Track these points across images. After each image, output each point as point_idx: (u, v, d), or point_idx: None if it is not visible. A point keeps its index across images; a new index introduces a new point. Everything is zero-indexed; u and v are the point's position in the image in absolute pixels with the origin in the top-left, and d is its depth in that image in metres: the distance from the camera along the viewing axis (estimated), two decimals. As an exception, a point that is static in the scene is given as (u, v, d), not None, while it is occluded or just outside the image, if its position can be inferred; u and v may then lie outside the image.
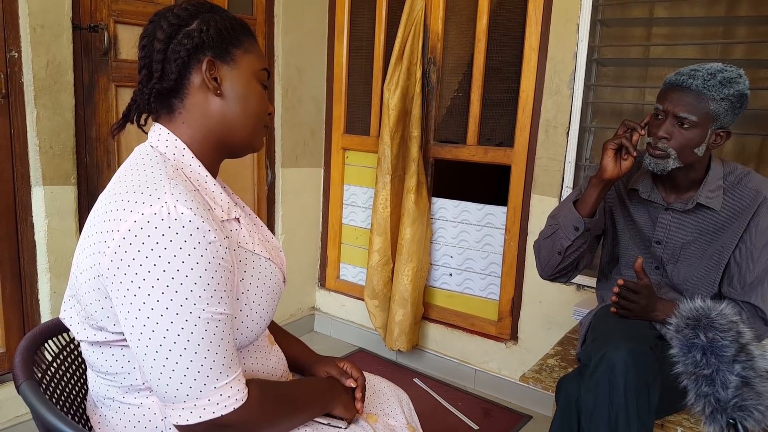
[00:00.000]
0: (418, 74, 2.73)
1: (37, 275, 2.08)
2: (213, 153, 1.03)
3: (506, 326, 2.73)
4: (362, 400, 1.18)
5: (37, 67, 1.96)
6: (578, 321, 2.09)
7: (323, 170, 3.29)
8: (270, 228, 3.08)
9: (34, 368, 1.02)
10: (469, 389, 2.81)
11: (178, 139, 0.99)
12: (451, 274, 2.92)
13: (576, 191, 1.77)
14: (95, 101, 2.20)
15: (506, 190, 2.65)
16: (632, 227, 1.71)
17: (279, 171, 3.03)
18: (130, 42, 2.27)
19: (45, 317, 2.11)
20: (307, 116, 3.13)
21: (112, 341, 0.93)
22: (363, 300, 3.04)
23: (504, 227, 2.69)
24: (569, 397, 1.46)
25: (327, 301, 3.37)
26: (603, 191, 1.57)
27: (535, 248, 1.76)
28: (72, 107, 2.08)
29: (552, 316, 2.55)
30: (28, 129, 1.98)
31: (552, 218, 1.74)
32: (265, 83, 1.07)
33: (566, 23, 2.37)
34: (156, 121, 1.02)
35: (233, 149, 1.05)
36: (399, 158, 2.82)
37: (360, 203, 3.20)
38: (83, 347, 0.99)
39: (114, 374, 0.95)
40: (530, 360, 2.54)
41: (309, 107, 3.12)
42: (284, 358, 1.17)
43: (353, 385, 1.18)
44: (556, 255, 1.66)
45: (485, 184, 3.23)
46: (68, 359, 1.17)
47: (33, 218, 2.04)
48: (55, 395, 1.07)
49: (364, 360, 3.06)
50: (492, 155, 2.68)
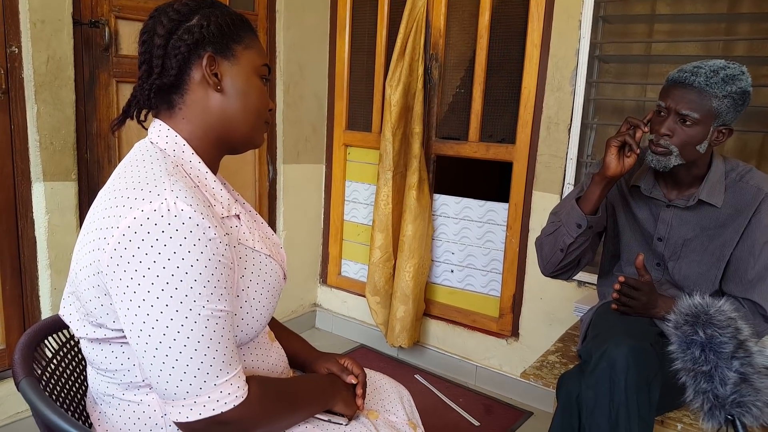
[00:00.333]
0: (420, 70, 2.73)
1: (38, 271, 2.08)
2: (213, 149, 1.02)
3: (507, 323, 2.72)
4: (363, 397, 1.18)
5: (38, 63, 1.95)
6: (579, 317, 2.09)
7: (325, 166, 3.29)
8: (271, 224, 3.08)
9: (34, 365, 1.02)
10: (470, 385, 2.81)
11: (178, 135, 0.98)
12: (453, 271, 2.91)
13: (578, 188, 1.77)
14: (96, 97, 2.19)
15: (508, 187, 2.65)
16: (634, 224, 1.71)
17: (280, 167, 3.03)
18: (131, 37, 2.26)
19: (45, 314, 2.11)
20: (309, 112, 3.12)
21: (112, 338, 0.92)
22: (364, 296, 3.04)
23: (505, 224, 2.68)
24: (570, 394, 1.46)
25: (328, 298, 3.37)
26: (606, 188, 1.57)
27: (537, 245, 1.76)
28: (72, 103, 2.07)
29: (553, 313, 2.55)
30: (29, 125, 1.98)
31: (554, 215, 1.74)
32: (266, 78, 1.06)
33: (568, 19, 2.36)
34: (156, 117, 1.01)
35: (233, 145, 1.05)
36: (401, 155, 2.81)
37: (362, 200, 3.20)
38: (83, 344, 0.99)
39: (114, 371, 0.95)
40: (531, 356, 2.54)
41: (311, 103, 3.12)
42: (284, 355, 1.16)
43: (354, 382, 1.18)
44: (558, 252, 1.66)
45: (487, 181, 3.23)
46: (68, 356, 1.17)
47: (33, 214, 2.04)
48: (55, 392, 1.07)
49: (366, 356, 3.06)
50: (494, 152, 2.68)
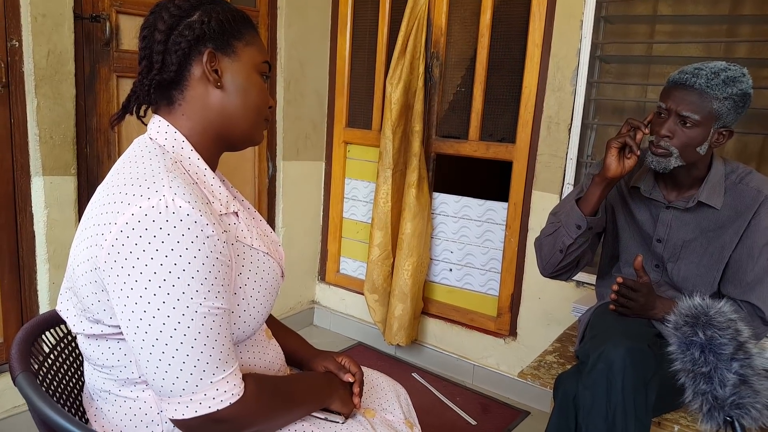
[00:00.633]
0: (421, 69, 2.72)
1: (36, 266, 2.08)
2: (212, 146, 1.02)
3: (505, 322, 2.73)
4: (360, 395, 1.18)
5: (38, 57, 1.95)
6: (577, 318, 2.09)
7: (325, 164, 3.28)
8: (270, 221, 3.08)
9: (31, 360, 1.02)
10: (468, 384, 2.81)
11: (178, 132, 0.98)
12: (451, 270, 2.91)
13: (578, 188, 1.76)
14: (96, 91, 2.19)
15: (507, 186, 2.65)
16: (633, 225, 1.71)
17: (280, 164, 3.02)
18: (132, 32, 2.26)
19: (43, 308, 2.11)
20: (309, 109, 3.12)
21: (109, 334, 0.92)
22: (363, 294, 3.04)
23: (505, 223, 2.68)
24: (567, 394, 1.46)
25: (327, 295, 3.37)
26: (606, 190, 1.57)
27: (537, 245, 1.76)
28: (73, 97, 2.07)
29: (551, 313, 2.55)
30: (29, 119, 1.98)
31: (553, 215, 1.74)
32: (267, 76, 1.06)
33: (570, 19, 2.36)
34: (155, 113, 1.01)
35: (233, 142, 1.05)
36: (400, 153, 2.81)
37: (361, 197, 3.20)
38: (80, 340, 0.98)
39: (110, 367, 0.95)
40: (529, 356, 2.54)
41: (311, 100, 3.12)
42: (281, 353, 1.16)
43: (351, 380, 1.18)
44: (558, 253, 1.66)
45: (486, 180, 3.22)
46: (65, 351, 1.17)
47: (32, 209, 2.04)
48: (52, 387, 1.07)
49: (363, 354, 3.06)
50: (494, 151, 2.67)
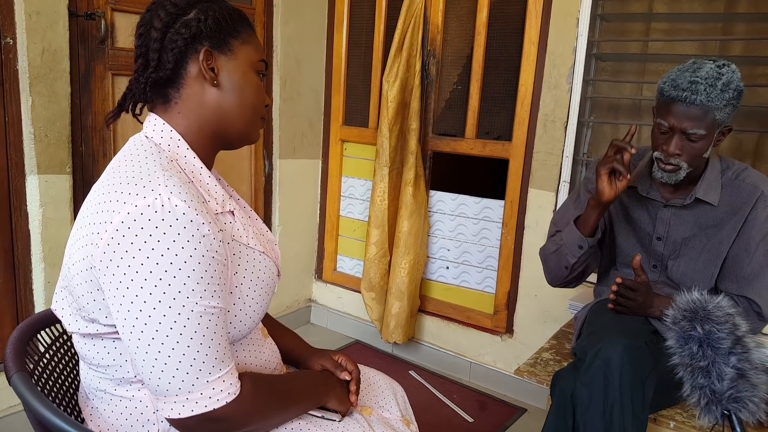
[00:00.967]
0: (418, 66, 2.72)
1: (31, 265, 2.07)
2: (208, 144, 1.02)
3: (502, 319, 2.73)
4: (357, 393, 1.18)
5: (33, 55, 1.94)
6: (573, 315, 2.09)
7: (321, 162, 3.28)
8: (267, 219, 3.07)
9: (27, 359, 1.02)
10: (464, 382, 2.82)
11: (173, 130, 0.98)
12: (448, 267, 2.91)
13: (574, 194, 1.78)
14: (91, 90, 2.18)
15: (504, 184, 2.65)
16: (630, 225, 1.72)
17: (277, 162, 3.02)
18: (127, 30, 2.24)
19: (39, 307, 2.10)
20: (306, 107, 3.11)
21: (104, 333, 0.92)
22: (360, 292, 3.04)
23: (501, 221, 2.68)
24: (564, 391, 1.46)
25: (324, 293, 3.37)
26: (601, 212, 1.59)
27: (542, 258, 1.78)
28: (68, 95, 2.06)
29: (547, 310, 2.55)
30: (23, 117, 1.97)
31: (554, 226, 1.77)
32: (263, 74, 1.06)
33: (566, 17, 2.36)
34: (151, 111, 1.01)
35: (229, 141, 1.04)
36: (397, 151, 2.81)
37: (358, 195, 3.19)
38: (75, 339, 0.98)
39: (106, 366, 0.95)
40: (525, 353, 2.54)
41: (307, 98, 3.11)
42: (277, 351, 1.16)
43: (347, 378, 1.18)
44: (563, 269, 1.69)
45: (483, 178, 3.22)
46: (61, 350, 1.16)
47: (27, 207, 2.03)
48: (47, 387, 1.07)
49: (360, 352, 3.06)
50: (490, 149, 2.67)
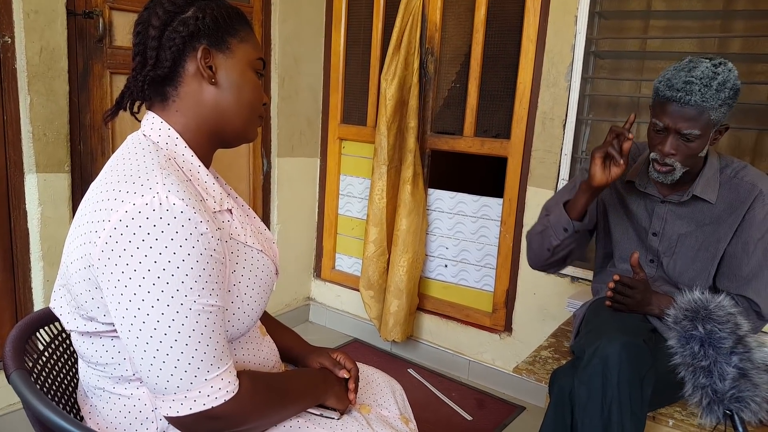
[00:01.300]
0: (416, 64, 2.72)
1: (30, 263, 2.07)
2: (206, 142, 1.02)
3: (500, 318, 2.73)
4: (355, 391, 1.18)
5: (31, 53, 1.93)
6: (572, 313, 2.10)
7: (319, 160, 3.28)
8: (265, 218, 3.07)
9: (26, 357, 1.02)
10: (463, 380, 2.82)
11: (171, 128, 0.98)
12: (447, 266, 2.92)
13: (571, 183, 1.77)
14: (89, 88, 2.18)
15: (502, 182, 2.65)
16: (627, 219, 1.71)
17: (275, 160, 3.02)
18: (126, 28, 2.24)
19: (38, 306, 2.10)
20: (304, 106, 3.11)
21: (103, 332, 0.92)
22: (358, 290, 3.04)
23: (500, 219, 2.69)
24: (563, 389, 1.47)
25: (322, 292, 3.37)
26: (592, 197, 1.58)
27: (527, 239, 1.79)
28: (66, 94, 2.06)
29: (546, 308, 2.55)
30: (22, 116, 1.97)
31: (545, 210, 1.75)
32: (261, 73, 1.06)
33: (564, 15, 2.36)
34: (149, 109, 1.01)
35: (227, 139, 1.04)
36: (395, 149, 2.81)
37: (356, 194, 3.19)
38: (73, 337, 0.98)
39: (104, 365, 0.95)
40: (524, 351, 2.54)
41: (305, 96, 3.11)
42: (276, 349, 1.16)
43: (346, 376, 1.19)
44: (546, 251, 1.69)
45: (481, 176, 3.22)
46: (60, 348, 1.17)
47: (26, 206, 2.03)
48: (46, 385, 1.07)
49: (359, 350, 3.06)
50: (488, 147, 2.68)
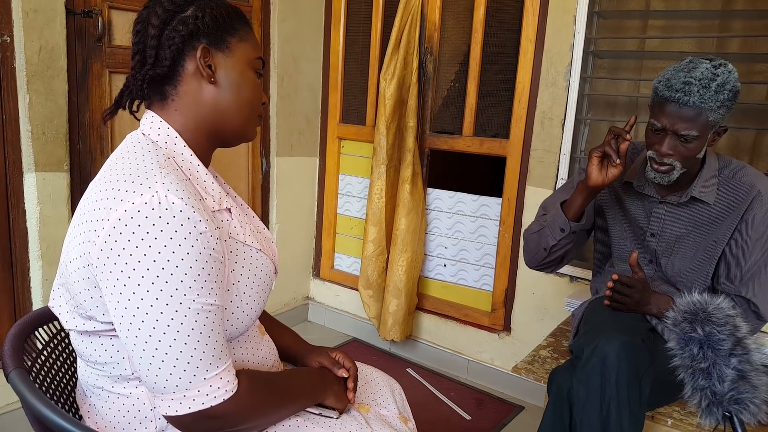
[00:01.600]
0: (415, 64, 2.72)
1: (29, 262, 2.07)
2: (205, 141, 1.02)
3: (499, 317, 2.73)
4: (354, 391, 1.18)
5: (30, 52, 1.93)
6: (570, 312, 2.10)
7: (318, 159, 3.28)
8: (264, 217, 3.07)
9: (24, 357, 1.02)
10: (462, 379, 2.82)
11: (171, 127, 0.98)
12: (446, 265, 2.92)
13: (569, 183, 1.77)
14: (89, 87, 2.18)
15: (501, 182, 2.65)
16: (626, 220, 1.72)
17: (274, 160, 3.02)
18: (125, 28, 2.24)
19: (36, 305, 2.10)
20: (303, 105, 3.11)
21: (102, 331, 0.92)
22: (357, 290, 3.04)
23: (498, 218, 2.69)
24: (561, 389, 1.47)
25: (321, 291, 3.37)
26: (589, 197, 1.58)
27: (524, 238, 1.79)
28: (65, 93, 2.06)
29: (545, 308, 2.55)
30: (21, 115, 1.96)
31: (542, 208, 1.76)
32: (260, 72, 1.06)
33: (563, 14, 2.36)
34: (148, 108, 1.01)
35: (226, 138, 1.04)
36: (395, 148, 2.81)
37: (355, 193, 3.19)
38: (72, 336, 0.98)
39: (103, 364, 0.95)
40: (523, 351, 2.55)
41: (305, 96, 3.11)
42: (275, 348, 1.16)
43: (345, 375, 1.19)
44: (542, 251, 1.69)
45: (480, 175, 3.22)
46: (58, 348, 1.17)
47: (25, 205, 2.03)
48: (45, 384, 1.07)
49: (358, 350, 3.07)
50: (487, 146, 2.68)
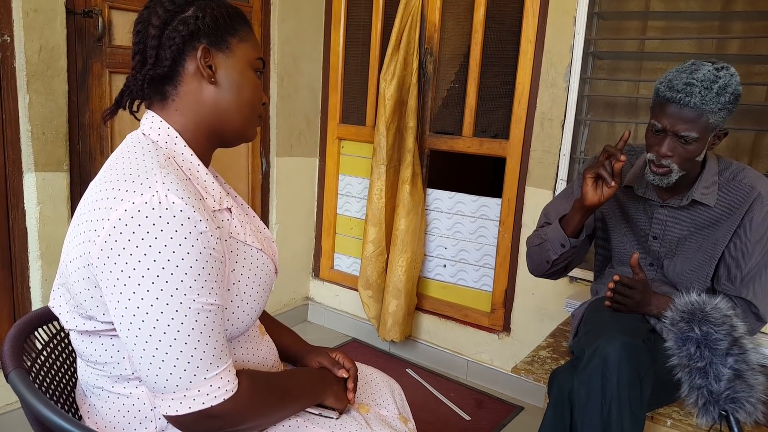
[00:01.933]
0: (415, 64, 2.72)
1: (29, 262, 2.07)
2: (205, 142, 1.02)
3: (499, 317, 2.73)
4: (354, 391, 1.18)
5: (30, 52, 1.93)
6: (570, 313, 2.10)
7: (318, 160, 3.28)
8: (264, 217, 3.07)
9: (24, 357, 1.02)
10: (462, 380, 2.82)
11: (171, 127, 0.98)
12: (445, 266, 2.92)
13: (569, 189, 1.78)
14: (89, 87, 2.18)
15: (501, 182, 2.65)
16: (626, 224, 1.72)
17: (274, 160, 3.02)
18: (125, 28, 2.24)
19: (36, 305, 2.10)
20: (303, 105, 3.11)
21: (102, 331, 0.92)
22: (357, 290, 3.04)
23: (498, 219, 2.69)
24: (562, 389, 1.47)
25: (321, 291, 3.37)
26: (585, 215, 1.58)
27: (527, 249, 1.79)
28: (65, 93, 2.06)
29: (544, 308, 2.55)
30: (21, 115, 1.96)
31: (544, 215, 1.77)
32: (260, 72, 1.06)
33: (563, 15, 2.36)
34: (149, 108, 1.01)
35: (226, 138, 1.05)
36: (394, 149, 2.81)
37: (355, 193, 3.20)
38: (72, 336, 0.98)
39: (103, 364, 0.95)
40: (522, 351, 2.55)
41: (305, 96, 3.11)
42: (275, 349, 1.16)
43: (345, 376, 1.19)
44: (545, 263, 1.71)
45: (480, 176, 3.23)
46: (58, 348, 1.17)
47: (25, 205, 2.03)
48: (45, 384, 1.07)
49: (357, 350, 3.07)
50: (487, 147, 2.68)
